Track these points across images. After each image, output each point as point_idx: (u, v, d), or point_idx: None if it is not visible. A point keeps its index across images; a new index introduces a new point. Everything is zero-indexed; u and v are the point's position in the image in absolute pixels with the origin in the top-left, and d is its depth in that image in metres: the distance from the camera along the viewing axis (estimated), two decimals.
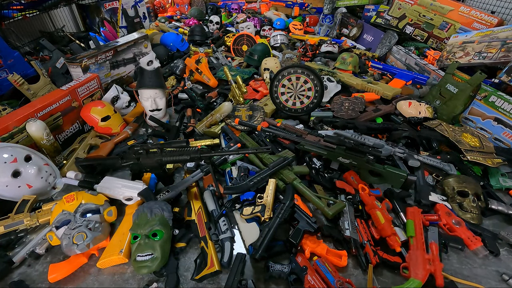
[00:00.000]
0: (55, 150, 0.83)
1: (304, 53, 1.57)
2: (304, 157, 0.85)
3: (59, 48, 1.37)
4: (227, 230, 0.64)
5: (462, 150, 0.84)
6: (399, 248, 0.62)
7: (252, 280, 0.56)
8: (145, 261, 0.55)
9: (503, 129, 0.94)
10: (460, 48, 1.24)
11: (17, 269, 0.59)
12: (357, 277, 0.59)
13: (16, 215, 0.65)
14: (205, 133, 0.98)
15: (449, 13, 1.41)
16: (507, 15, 1.31)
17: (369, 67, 1.43)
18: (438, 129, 0.93)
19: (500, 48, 1.10)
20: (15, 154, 0.69)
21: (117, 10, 1.78)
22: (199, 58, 1.30)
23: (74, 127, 0.95)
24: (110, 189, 0.72)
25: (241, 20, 2.04)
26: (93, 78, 1.01)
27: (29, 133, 0.77)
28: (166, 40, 1.55)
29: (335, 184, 0.75)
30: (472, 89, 0.98)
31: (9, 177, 0.68)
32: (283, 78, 1.00)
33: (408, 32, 1.55)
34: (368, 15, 1.82)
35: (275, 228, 0.61)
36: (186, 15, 2.21)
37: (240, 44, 1.60)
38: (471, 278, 0.59)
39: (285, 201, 0.66)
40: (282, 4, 2.36)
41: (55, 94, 0.88)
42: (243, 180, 0.73)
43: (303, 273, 0.56)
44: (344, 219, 0.66)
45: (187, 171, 0.81)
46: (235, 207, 0.70)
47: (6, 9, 1.29)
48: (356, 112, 1.03)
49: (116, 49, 1.19)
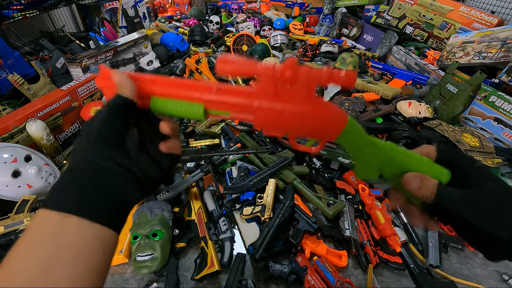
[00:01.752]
0: (55, 150, 0.83)
1: (304, 53, 1.57)
2: (304, 157, 0.85)
3: (59, 48, 1.37)
4: (227, 230, 0.64)
5: (462, 150, 0.84)
6: (399, 248, 0.62)
7: (252, 280, 0.56)
8: (145, 261, 0.55)
9: (503, 129, 0.94)
10: (460, 48, 1.24)
11: None
12: (357, 277, 0.59)
13: (16, 215, 0.65)
14: (205, 133, 0.98)
15: (449, 13, 1.41)
16: (507, 15, 1.31)
17: (369, 67, 1.43)
18: (438, 129, 0.93)
19: (500, 48, 1.10)
20: (15, 154, 0.69)
21: (117, 10, 1.78)
22: (199, 58, 1.30)
23: (74, 127, 0.95)
24: None
25: (241, 20, 2.04)
26: (93, 78, 1.01)
27: (29, 133, 0.77)
28: (166, 40, 1.55)
29: (335, 184, 0.75)
30: (472, 89, 0.98)
31: (9, 177, 0.68)
32: None
33: (408, 32, 1.55)
34: (368, 15, 1.82)
35: (275, 228, 0.61)
36: (186, 15, 2.21)
37: (240, 44, 1.60)
38: (471, 278, 0.59)
39: (285, 201, 0.66)
40: (282, 4, 2.36)
41: (55, 94, 0.88)
42: (243, 180, 0.73)
43: (303, 273, 0.56)
44: (344, 219, 0.66)
45: (187, 171, 0.81)
46: (235, 207, 0.70)
47: (6, 9, 1.29)
48: (356, 112, 1.03)
49: (116, 49, 1.19)
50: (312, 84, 0.26)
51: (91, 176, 0.24)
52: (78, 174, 0.24)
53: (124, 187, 0.26)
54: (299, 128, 0.29)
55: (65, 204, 0.23)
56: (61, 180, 0.25)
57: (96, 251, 0.23)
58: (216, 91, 0.29)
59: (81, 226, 0.22)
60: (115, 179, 0.25)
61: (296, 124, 0.28)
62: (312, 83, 0.26)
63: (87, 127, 0.26)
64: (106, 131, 0.26)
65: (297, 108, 0.27)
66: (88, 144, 0.25)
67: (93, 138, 0.25)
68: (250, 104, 0.28)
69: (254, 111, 0.28)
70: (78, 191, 0.23)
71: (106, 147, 0.25)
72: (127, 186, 0.26)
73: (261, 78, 0.27)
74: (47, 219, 0.22)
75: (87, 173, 0.24)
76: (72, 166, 0.25)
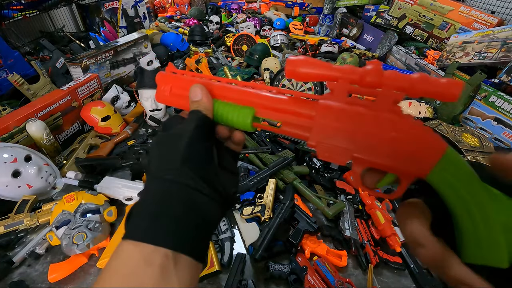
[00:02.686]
0: (55, 150, 0.83)
1: (304, 53, 1.57)
2: (304, 157, 0.85)
3: (59, 48, 1.36)
4: (227, 230, 0.64)
5: (462, 150, 0.84)
6: (399, 248, 0.62)
7: (252, 280, 0.56)
8: None
9: (503, 129, 0.94)
10: (460, 48, 1.24)
11: (17, 269, 0.59)
12: (357, 277, 0.59)
13: (16, 215, 0.65)
14: None
15: (449, 13, 1.41)
16: (507, 15, 1.31)
17: None
18: (438, 129, 0.93)
19: (500, 48, 1.10)
20: (15, 154, 0.69)
21: (117, 10, 1.78)
22: (199, 58, 1.30)
23: (74, 127, 0.95)
24: (110, 189, 0.72)
25: (241, 20, 2.04)
26: (93, 78, 1.01)
27: (29, 133, 0.77)
28: (166, 40, 1.55)
29: (335, 184, 0.75)
30: (472, 89, 0.98)
31: (9, 177, 0.68)
32: (283, 78, 1.00)
33: (408, 32, 1.55)
34: (368, 15, 1.82)
35: (275, 228, 0.61)
36: (186, 15, 2.21)
37: (240, 44, 1.60)
38: None
39: (285, 201, 0.66)
40: (282, 4, 2.36)
41: (55, 94, 0.88)
42: (243, 180, 0.73)
43: (303, 273, 0.56)
44: (344, 219, 0.66)
45: None
46: (235, 207, 0.70)
47: (6, 9, 1.29)
48: None
49: (116, 49, 1.19)
50: (399, 96, 0.20)
51: (186, 203, 0.21)
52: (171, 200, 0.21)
53: (215, 210, 0.24)
54: (370, 150, 0.21)
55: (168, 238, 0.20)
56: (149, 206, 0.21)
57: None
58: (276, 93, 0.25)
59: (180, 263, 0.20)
60: (208, 204, 0.23)
61: (367, 144, 0.21)
62: (398, 94, 0.20)
63: (169, 146, 0.24)
64: (197, 152, 0.23)
65: (372, 122, 0.21)
66: (178, 167, 0.22)
67: (182, 158, 0.22)
68: (309, 113, 0.23)
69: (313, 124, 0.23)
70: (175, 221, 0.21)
71: (198, 168, 0.23)
72: (218, 208, 0.24)
73: (332, 84, 0.22)
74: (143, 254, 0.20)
75: (180, 200, 0.21)
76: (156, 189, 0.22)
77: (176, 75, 0.28)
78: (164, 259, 0.19)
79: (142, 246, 0.19)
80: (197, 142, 0.23)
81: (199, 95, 0.26)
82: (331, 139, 0.22)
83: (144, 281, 0.19)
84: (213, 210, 0.23)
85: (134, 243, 0.20)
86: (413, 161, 0.20)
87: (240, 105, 0.25)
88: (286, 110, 0.24)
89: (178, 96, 0.28)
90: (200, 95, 0.26)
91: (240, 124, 0.25)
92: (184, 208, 0.21)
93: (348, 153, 0.22)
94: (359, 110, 0.21)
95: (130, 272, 0.19)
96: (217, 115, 0.26)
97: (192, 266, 0.21)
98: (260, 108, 0.25)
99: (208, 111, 0.25)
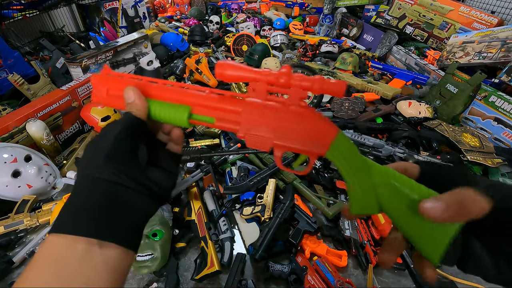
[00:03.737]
0: (55, 150, 0.83)
1: (304, 53, 1.57)
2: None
3: (59, 48, 1.37)
4: (227, 230, 0.64)
5: (462, 150, 0.84)
6: None
7: (252, 280, 0.56)
8: (145, 261, 0.55)
9: (503, 129, 0.94)
10: (460, 48, 1.24)
11: (17, 269, 0.59)
12: (357, 277, 0.59)
13: (16, 215, 0.65)
14: (205, 133, 0.98)
15: (449, 13, 1.41)
16: (507, 15, 1.31)
17: (369, 67, 1.43)
18: (438, 129, 0.93)
19: (500, 48, 1.10)
20: (15, 154, 0.69)
21: (117, 10, 1.78)
22: (199, 58, 1.30)
23: (74, 127, 0.95)
24: None
25: (241, 20, 2.03)
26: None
27: (29, 133, 0.77)
28: (166, 40, 1.55)
29: (335, 184, 0.75)
30: (472, 89, 0.98)
31: (9, 177, 0.68)
32: None
33: (408, 32, 1.56)
34: (368, 15, 1.82)
35: (275, 228, 0.61)
36: (186, 15, 2.21)
37: (240, 44, 1.60)
38: (471, 278, 0.59)
39: (285, 201, 0.66)
40: (282, 4, 2.36)
41: (55, 94, 0.88)
42: (243, 180, 0.73)
43: (303, 273, 0.56)
44: (344, 219, 0.66)
45: (187, 171, 0.81)
46: (235, 207, 0.70)
47: (6, 9, 1.29)
48: (356, 112, 1.03)
49: (116, 49, 1.19)
50: (304, 93, 0.26)
51: (108, 196, 0.23)
52: (93, 194, 0.23)
53: (142, 203, 0.26)
54: (285, 137, 0.27)
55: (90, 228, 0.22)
56: (74, 200, 0.24)
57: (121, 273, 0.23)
58: (208, 93, 0.28)
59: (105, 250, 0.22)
60: (133, 196, 0.25)
61: (283, 133, 0.26)
62: (304, 92, 0.25)
63: (96, 145, 0.25)
64: (120, 150, 0.25)
65: (286, 115, 0.26)
66: (100, 165, 0.24)
67: (105, 156, 0.24)
68: (237, 110, 0.27)
69: (241, 119, 0.27)
70: (97, 212, 0.23)
71: (120, 165, 0.24)
72: (146, 201, 0.26)
73: (254, 84, 0.26)
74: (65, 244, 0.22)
75: (102, 193, 0.23)
76: (81, 185, 0.24)
77: (113, 77, 0.30)
78: (87, 245, 0.21)
79: (64, 236, 0.22)
80: (122, 141, 0.25)
81: (132, 97, 0.27)
82: (256, 130, 0.27)
83: (67, 260, 0.21)
84: (139, 203, 0.25)
85: (57, 235, 0.22)
86: (315, 143, 0.26)
87: (177, 104, 0.28)
88: (218, 107, 0.27)
89: (115, 97, 0.29)
90: (132, 97, 0.27)
91: (177, 121, 0.28)
92: (106, 201, 0.23)
93: (270, 141, 0.27)
94: (275, 106, 0.26)
95: (54, 257, 0.21)
96: (155, 114, 0.28)
97: (120, 252, 0.23)
98: (195, 106, 0.28)
99: (140, 111, 0.27)
